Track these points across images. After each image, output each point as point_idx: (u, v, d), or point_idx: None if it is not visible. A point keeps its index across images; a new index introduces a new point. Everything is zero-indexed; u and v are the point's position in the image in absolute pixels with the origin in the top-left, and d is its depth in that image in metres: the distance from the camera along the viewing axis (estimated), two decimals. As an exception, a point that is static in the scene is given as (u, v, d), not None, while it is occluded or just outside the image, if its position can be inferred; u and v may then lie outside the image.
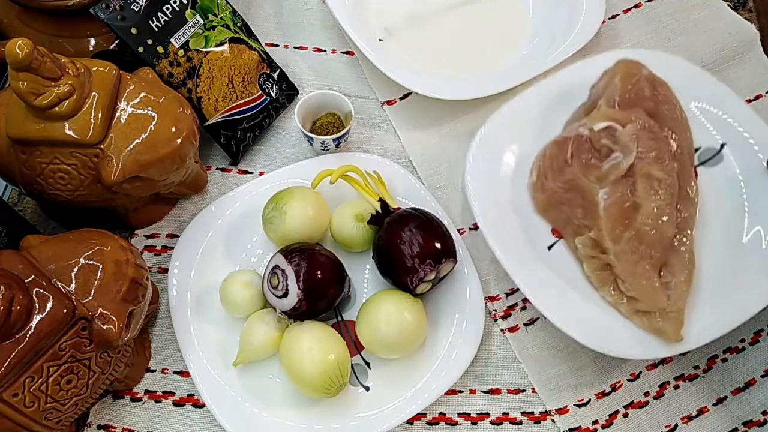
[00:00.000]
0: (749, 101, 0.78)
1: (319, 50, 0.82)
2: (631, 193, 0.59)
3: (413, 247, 0.59)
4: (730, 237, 0.62)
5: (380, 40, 0.79)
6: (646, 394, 0.64)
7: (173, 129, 0.58)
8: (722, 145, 0.64)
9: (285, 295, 0.59)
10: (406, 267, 0.59)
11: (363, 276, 0.67)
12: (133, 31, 0.62)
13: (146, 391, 0.63)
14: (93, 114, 0.55)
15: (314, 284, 0.59)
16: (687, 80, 0.66)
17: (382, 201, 0.65)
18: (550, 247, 0.64)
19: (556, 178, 0.62)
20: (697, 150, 0.64)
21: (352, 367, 0.62)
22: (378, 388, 0.61)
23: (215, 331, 0.64)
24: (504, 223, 0.63)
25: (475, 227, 0.70)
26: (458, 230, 0.69)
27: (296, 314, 0.60)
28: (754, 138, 0.63)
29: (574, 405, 0.63)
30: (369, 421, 0.59)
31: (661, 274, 0.59)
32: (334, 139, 0.70)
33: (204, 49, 0.67)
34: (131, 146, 0.56)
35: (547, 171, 0.63)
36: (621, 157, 0.59)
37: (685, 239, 0.59)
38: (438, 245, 0.60)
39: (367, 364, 0.63)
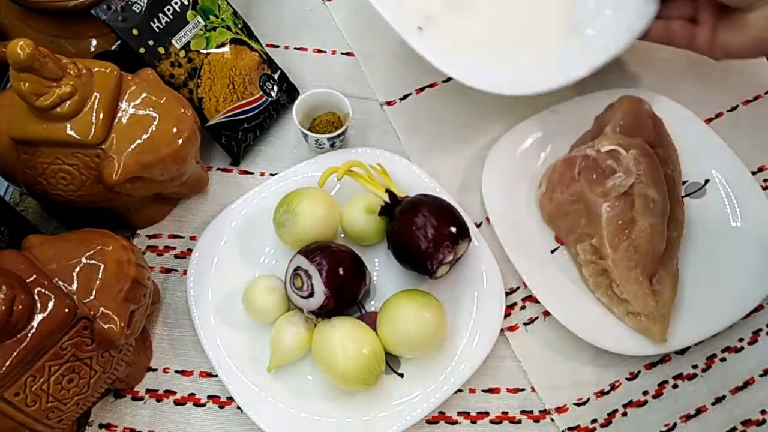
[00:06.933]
0: (747, 102, 0.79)
1: (319, 51, 0.82)
2: (630, 209, 0.65)
3: (429, 231, 0.60)
4: (711, 258, 0.68)
5: (420, 28, 0.70)
6: (645, 393, 0.64)
7: (174, 129, 0.58)
8: (706, 181, 0.72)
9: (311, 294, 0.59)
10: (425, 252, 0.60)
11: (374, 268, 0.68)
12: (135, 32, 0.63)
13: (147, 390, 0.63)
14: (94, 114, 0.55)
15: (339, 280, 0.59)
16: (679, 122, 0.74)
17: (389, 191, 0.66)
18: (552, 251, 0.69)
19: (564, 191, 0.68)
20: (684, 183, 0.72)
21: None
22: (411, 374, 0.62)
23: (241, 338, 0.64)
24: (514, 227, 0.69)
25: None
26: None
27: (324, 312, 0.60)
28: (732, 178, 0.71)
29: (573, 404, 0.63)
30: (410, 405, 0.60)
31: (652, 282, 0.64)
32: (328, 139, 0.70)
33: (205, 50, 0.68)
34: (132, 147, 0.56)
35: (556, 184, 0.69)
36: (623, 176, 0.65)
37: (672, 256, 0.66)
38: (453, 227, 0.61)
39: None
